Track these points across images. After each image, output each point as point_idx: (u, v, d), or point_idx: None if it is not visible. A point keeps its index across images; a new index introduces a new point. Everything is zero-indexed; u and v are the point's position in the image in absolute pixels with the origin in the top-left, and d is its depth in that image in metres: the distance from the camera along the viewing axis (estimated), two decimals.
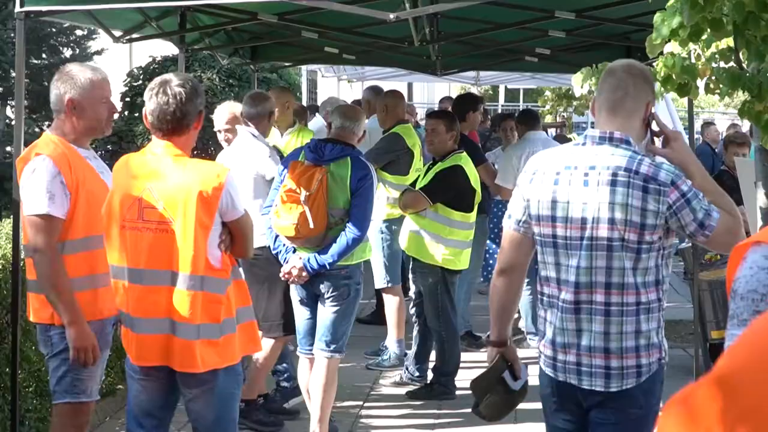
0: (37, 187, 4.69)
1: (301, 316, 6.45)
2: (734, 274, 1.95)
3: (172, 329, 4.46)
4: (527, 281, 7.34)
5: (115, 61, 18.24)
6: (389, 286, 8.82)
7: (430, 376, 8.02)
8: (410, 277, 8.19)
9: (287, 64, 13.72)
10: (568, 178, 3.76)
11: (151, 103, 4.52)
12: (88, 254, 4.81)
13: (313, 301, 6.36)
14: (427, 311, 7.88)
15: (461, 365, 7.85)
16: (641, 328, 3.74)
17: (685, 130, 10.83)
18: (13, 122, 14.61)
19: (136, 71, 16.43)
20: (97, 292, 4.84)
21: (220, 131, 7.37)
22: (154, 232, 4.44)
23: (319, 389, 6.34)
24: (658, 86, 5.06)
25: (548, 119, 20.69)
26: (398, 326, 8.73)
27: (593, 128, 3.88)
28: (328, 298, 6.26)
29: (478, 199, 7.93)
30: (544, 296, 3.90)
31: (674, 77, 4.87)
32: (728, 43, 4.74)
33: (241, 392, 4.80)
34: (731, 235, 3.71)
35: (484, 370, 4.16)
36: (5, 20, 15.77)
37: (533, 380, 4.05)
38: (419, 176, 8.08)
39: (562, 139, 13.76)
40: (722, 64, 4.91)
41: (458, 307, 8.28)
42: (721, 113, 35.90)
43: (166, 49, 14.51)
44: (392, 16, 5.89)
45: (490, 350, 4.11)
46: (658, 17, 4.45)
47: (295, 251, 6.26)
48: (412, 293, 8.17)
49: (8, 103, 16.90)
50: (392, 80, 19.13)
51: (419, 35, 8.49)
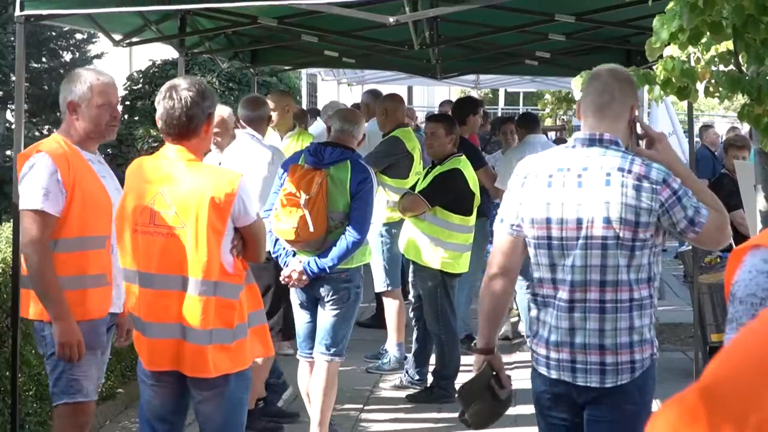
0: (33, 182, 4.75)
1: (301, 319, 6.45)
2: (733, 277, 1.93)
3: (182, 334, 4.45)
4: (527, 284, 7.34)
5: (115, 64, 18.24)
6: (389, 289, 8.82)
7: (430, 379, 8.02)
8: (410, 280, 8.19)
9: (287, 67, 13.73)
10: (561, 180, 3.83)
11: (159, 108, 4.56)
12: (80, 254, 4.83)
13: (313, 304, 6.36)
14: (426, 315, 7.89)
15: (461, 368, 7.85)
16: (635, 324, 3.80)
17: (684, 133, 10.82)
18: (13, 126, 14.61)
19: (136, 75, 16.44)
20: (86, 292, 4.85)
21: None
22: (165, 236, 4.44)
23: (319, 393, 6.34)
24: (657, 89, 5.07)
25: (548, 122, 20.70)
26: (398, 330, 8.73)
27: (579, 131, 3.95)
28: (328, 301, 6.26)
29: (477, 202, 7.93)
30: (537, 297, 3.94)
31: (674, 80, 4.86)
32: (728, 46, 4.74)
33: (249, 398, 4.80)
34: (719, 231, 3.83)
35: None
36: (5, 24, 15.77)
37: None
38: (419, 180, 8.09)
39: (561, 142, 13.72)
40: (722, 67, 4.91)
41: (458, 310, 8.29)
42: (720, 116, 35.89)
43: (166, 52, 14.50)
44: (392, 19, 5.89)
45: (477, 357, 4.11)
46: (657, 21, 4.46)
47: (294, 255, 6.26)
48: (411, 297, 8.17)
49: (8, 106, 16.89)
50: (392, 84, 19.12)
51: (419, 39, 8.49)
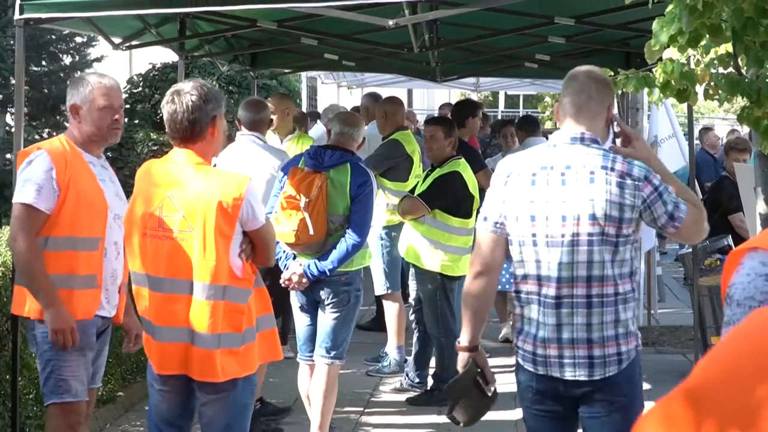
0: (28, 177, 4.80)
1: (301, 322, 6.45)
2: (729, 279, 1.92)
3: (191, 338, 4.45)
4: None
5: (114, 68, 18.24)
6: (389, 292, 8.82)
7: (430, 382, 8.02)
8: (410, 283, 8.19)
9: (287, 70, 13.73)
10: (545, 178, 3.91)
11: (164, 112, 4.58)
12: (70, 254, 4.84)
13: (313, 307, 6.36)
14: (426, 318, 7.88)
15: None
16: (620, 317, 3.88)
17: (684, 135, 10.82)
18: (12, 129, 14.61)
19: (135, 78, 16.43)
20: (73, 292, 4.86)
21: None
22: (173, 240, 4.44)
23: (319, 396, 6.34)
24: (657, 92, 5.07)
25: (548, 125, 20.71)
26: (398, 333, 8.73)
27: (560, 131, 4.04)
28: (328, 304, 6.26)
29: (476, 205, 7.92)
30: (521, 294, 3.99)
31: (673, 83, 4.86)
32: (727, 48, 4.74)
33: (253, 403, 4.79)
34: (698, 225, 3.96)
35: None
36: (5, 27, 15.78)
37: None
38: (418, 182, 8.09)
39: None
40: (721, 69, 4.91)
41: (458, 313, 8.27)
42: (720, 119, 35.88)
43: (165, 56, 14.53)
44: (391, 22, 5.89)
45: (462, 355, 4.15)
46: (657, 23, 4.46)
47: (295, 258, 6.26)
48: (411, 300, 8.17)
49: (8, 110, 16.89)
50: (392, 86, 19.14)
51: (419, 42, 8.50)
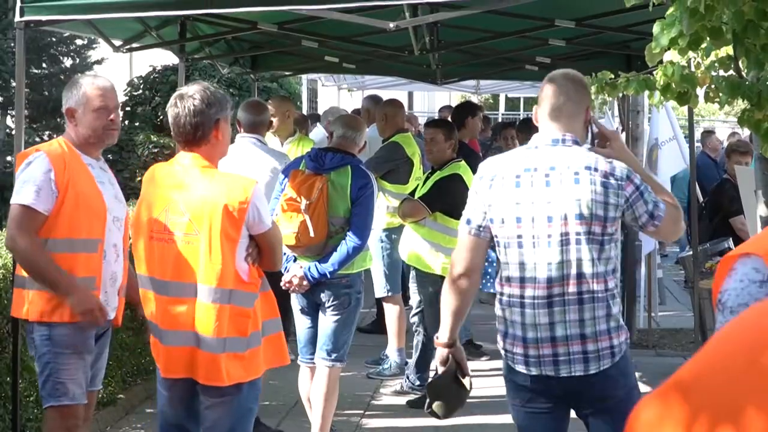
0: (26, 178, 4.80)
1: (301, 325, 6.44)
2: (721, 285, 1.89)
3: (196, 342, 4.44)
4: None
5: (115, 70, 18.25)
6: (389, 295, 8.82)
7: None
8: (410, 286, 8.19)
9: (287, 73, 13.74)
10: (529, 179, 3.97)
11: (169, 115, 4.60)
12: (69, 256, 4.84)
13: (313, 310, 6.36)
14: (427, 320, 7.88)
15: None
16: (611, 311, 3.95)
17: (685, 138, 10.82)
18: (13, 132, 14.61)
19: (136, 81, 16.45)
20: None
21: None
22: (180, 243, 4.44)
23: (320, 398, 6.34)
24: (658, 95, 5.07)
25: None
26: (399, 335, 8.73)
27: (540, 134, 4.09)
28: (328, 307, 6.25)
29: None
30: (503, 296, 4.04)
31: (674, 86, 4.86)
32: (728, 51, 4.74)
33: (257, 407, 4.79)
34: (676, 224, 4.06)
35: (438, 373, 4.31)
36: (5, 30, 15.79)
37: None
38: (418, 185, 8.08)
39: None
40: (722, 72, 4.92)
41: None
42: (721, 121, 35.89)
43: (166, 58, 14.53)
44: (392, 25, 5.90)
45: (441, 351, 4.23)
46: (657, 26, 4.45)
47: (295, 260, 6.26)
48: (412, 302, 8.17)
49: (8, 112, 16.91)
50: (392, 89, 19.15)
51: (419, 44, 8.50)
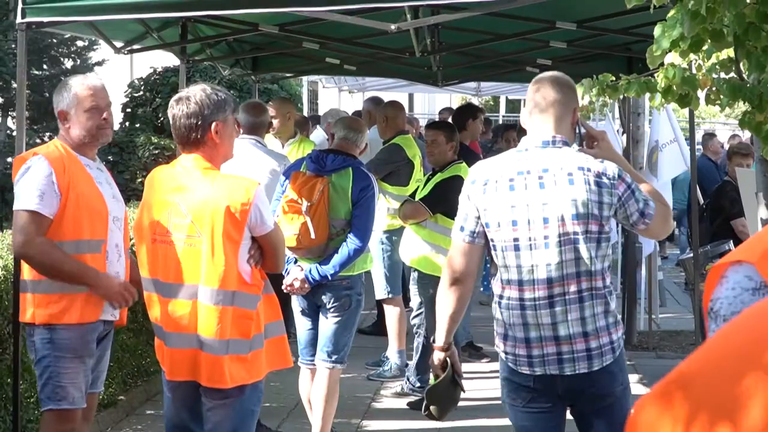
0: (29, 183, 4.78)
1: (302, 326, 6.44)
2: (712, 293, 1.87)
3: (199, 344, 4.44)
4: None
5: (116, 71, 18.27)
6: (390, 297, 8.82)
7: None
8: (410, 287, 8.18)
9: (288, 74, 13.73)
10: (523, 182, 4.00)
11: (169, 118, 4.61)
12: (75, 257, 4.83)
13: (314, 311, 6.35)
14: (428, 322, 7.87)
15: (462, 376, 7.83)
16: (609, 308, 4.02)
17: (686, 141, 10.82)
18: (14, 133, 14.61)
19: (137, 82, 16.46)
20: (78, 296, 4.86)
21: None
22: (182, 246, 4.44)
23: (320, 400, 6.34)
24: (659, 97, 5.07)
25: None
26: (399, 337, 8.73)
27: (529, 136, 4.13)
28: (329, 309, 6.25)
29: None
30: (502, 299, 4.06)
31: (675, 88, 4.87)
32: (729, 53, 4.75)
33: (259, 410, 4.79)
34: (665, 222, 4.11)
35: (437, 379, 4.38)
36: (6, 31, 15.81)
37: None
38: (419, 187, 8.09)
39: None
40: (723, 74, 4.92)
41: None
42: (722, 124, 35.89)
43: (167, 60, 14.52)
44: (393, 27, 5.89)
45: (438, 354, 4.30)
46: (658, 29, 4.45)
47: (296, 262, 6.26)
48: (412, 304, 8.17)
49: (9, 113, 16.92)
50: (393, 91, 19.16)
51: (420, 46, 8.50)
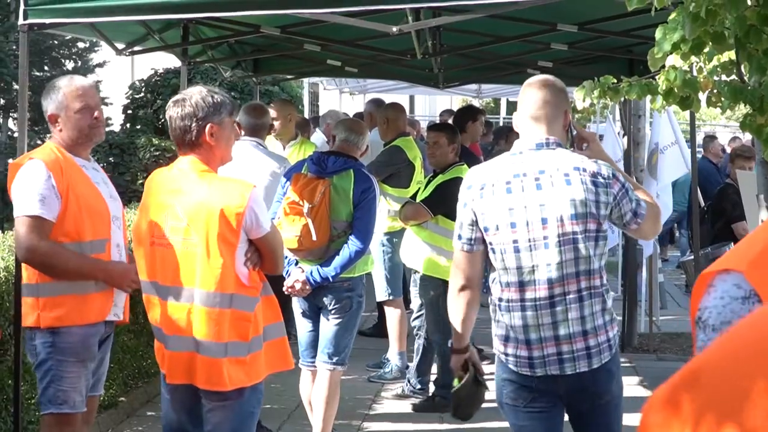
0: (29, 189, 4.76)
1: (303, 328, 6.45)
2: (699, 302, 1.85)
3: (195, 347, 4.45)
4: None
5: (117, 73, 18.29)
6: (391, 298, 8.82)
7: (431, 388, 8.02)
8: (411, 289, 8.18)
9: (289, 76, 13.74)
10: (519, 185, 4.04)
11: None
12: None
13: (315, 313, 6.36)
14: (428, 323, 7.88)
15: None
16: (606, 306, 4.08)
17: (687, 143, 10.82)
18: (14, 134, 14.62)
19: (138, 84, 16.47)
20: (87, 297, 4.86)
21: None
22: (179, 249, 4.44)
23: (321, 402, 6.34)
24: (660, 99, 5.07)
25: None
26: (400, 339, 8.73)
27: (523, 139, 4.17)
28: (330, 310, 6.26)
29: None
30: (502, 301, 4.09)
31: (676, 90, 4.87)
32: (730, 56, 4.75)
33: (259, 412, 4.79)
34: (656, 221, 4.19)
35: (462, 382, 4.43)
36: (7, 33, 15.82)
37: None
38: (420, 188, 8.09)
39: None
40: (724, 77, 4.92)
41: None
42: (722, 126, 35.88)
43: (168, 61, 14.54)
44: (395, 29, 5.89)
45: (457, 357, 4.36)
46: (659, 31, 4.46)
47: (297, 264, 6.26)
48: (413, 306, 8.17)
49: (10, 115, 16.93)
50: (394, 93, 19.16)
51: (422, 48, 8.51)
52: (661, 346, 10.15)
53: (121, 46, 8.12)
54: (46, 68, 18.15)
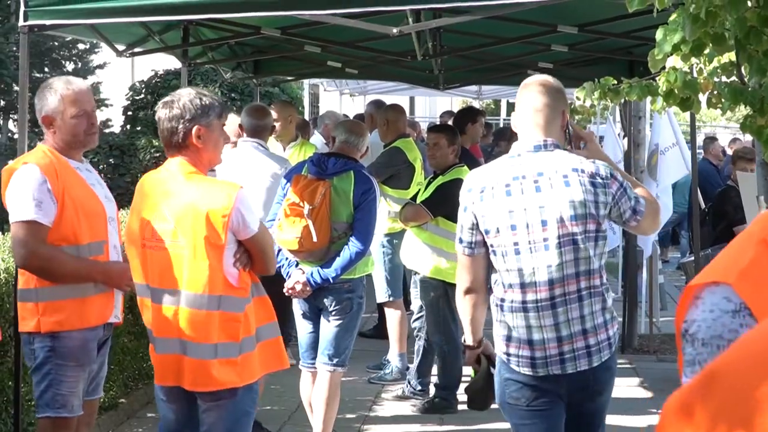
0: (24, 193, 4.70)
1: (303, 329, 6.45)
2: (685, 314, 1.80)
3: (183, 349, 4.44)
4: None
5: (117, 74, 18.30)
6: (391, 300, 8.82)
7: (432, 390, 8.02)
8: (411, 291, 8.18)
9: (290, 78, 13.74)
10: (519, 187, 4.06)
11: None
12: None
13: (315, 314, 6.36)
14: (428, 325, 7.88)
15: (463, 379, 7.84)
16: (606, 305, 4.11)
17: (687, 144, 10.82)
18: (15, 136, 14.63)
19: (138, 85, 16.47)
20: (87, 300, 4.84)
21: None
22: (167, 251, 4.43)
23: (321, 403, 6.34)
24: (660, 100, 5.07)
25: None
26: (400, 340, 8.73)
27: (521, 141, 4.18)
28: (331, 312, 6.26)
29: None
30: (504, 302, 4.12)
31: (676, 92, 4.87)
32: (730, 57, 4.75)
33: (255, 411, 4.79)
34: (655, 218, 4.22)
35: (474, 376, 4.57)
36: (7, 34, 15.83)
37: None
38: (420, 190, 8.09)
39: None
40: (724, 78, 4.92)
41: (459, 320, 8.27)
42: (723, 127, 35.88)
43: (168, 63, 14.54)
44: (395, 30, 5.89)
45: (470, 353, 4.43)
46: (660, 32, 4.46)
47: (297, 265, 6.26)
48: (413, 307, 8.17)
49: (10, 116, 16.93)
50: (394, 94, 19.16)
51: (422, 49, 8.51)
52: (661, 347, 10.15)
53: (121, 47, 8.12)
54: (46, 70, 18.16)
